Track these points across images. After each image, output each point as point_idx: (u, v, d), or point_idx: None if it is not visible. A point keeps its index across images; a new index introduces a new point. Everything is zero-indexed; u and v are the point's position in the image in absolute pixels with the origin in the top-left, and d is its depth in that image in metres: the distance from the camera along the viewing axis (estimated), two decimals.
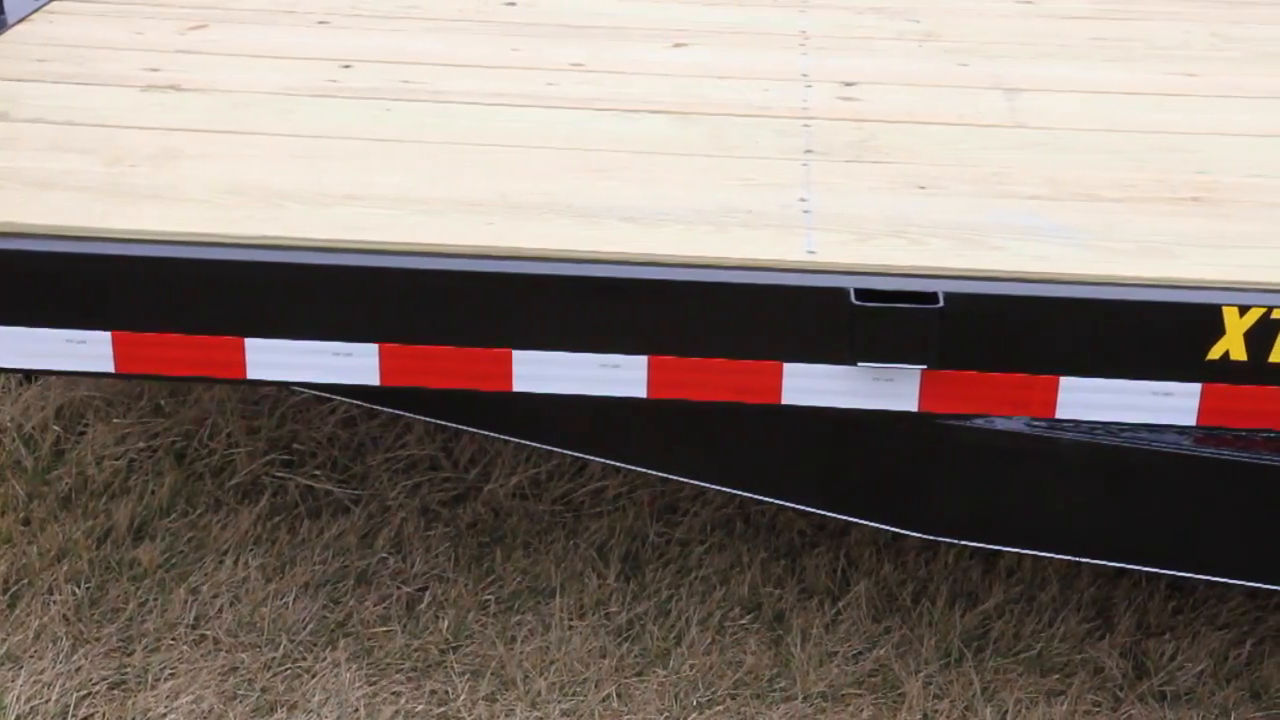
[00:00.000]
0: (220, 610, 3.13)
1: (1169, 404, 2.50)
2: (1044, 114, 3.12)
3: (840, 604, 3.17)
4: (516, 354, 2.52)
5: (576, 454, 3.07)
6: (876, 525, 2.80)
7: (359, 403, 3.26)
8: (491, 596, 3.19)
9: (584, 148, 2.90)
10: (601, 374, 2.54)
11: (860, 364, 2.47)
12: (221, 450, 3.57)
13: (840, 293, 2.45)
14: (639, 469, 2.89)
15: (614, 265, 2.52)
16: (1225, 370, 2.47)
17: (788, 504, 2.94)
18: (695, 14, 3.61)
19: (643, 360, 2.52)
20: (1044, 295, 2.48)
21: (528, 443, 3.02)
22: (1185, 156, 2.94)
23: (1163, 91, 3.25)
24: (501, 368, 2.53)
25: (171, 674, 2.98)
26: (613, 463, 2.94)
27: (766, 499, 3.07)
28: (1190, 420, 2.51)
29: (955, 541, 3.01)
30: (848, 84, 3.23)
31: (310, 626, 3.10)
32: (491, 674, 3.01)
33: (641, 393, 2.55)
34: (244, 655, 3.03)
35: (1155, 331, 2.48)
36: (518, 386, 2.55)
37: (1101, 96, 3.23)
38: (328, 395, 3.34)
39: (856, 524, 3.25)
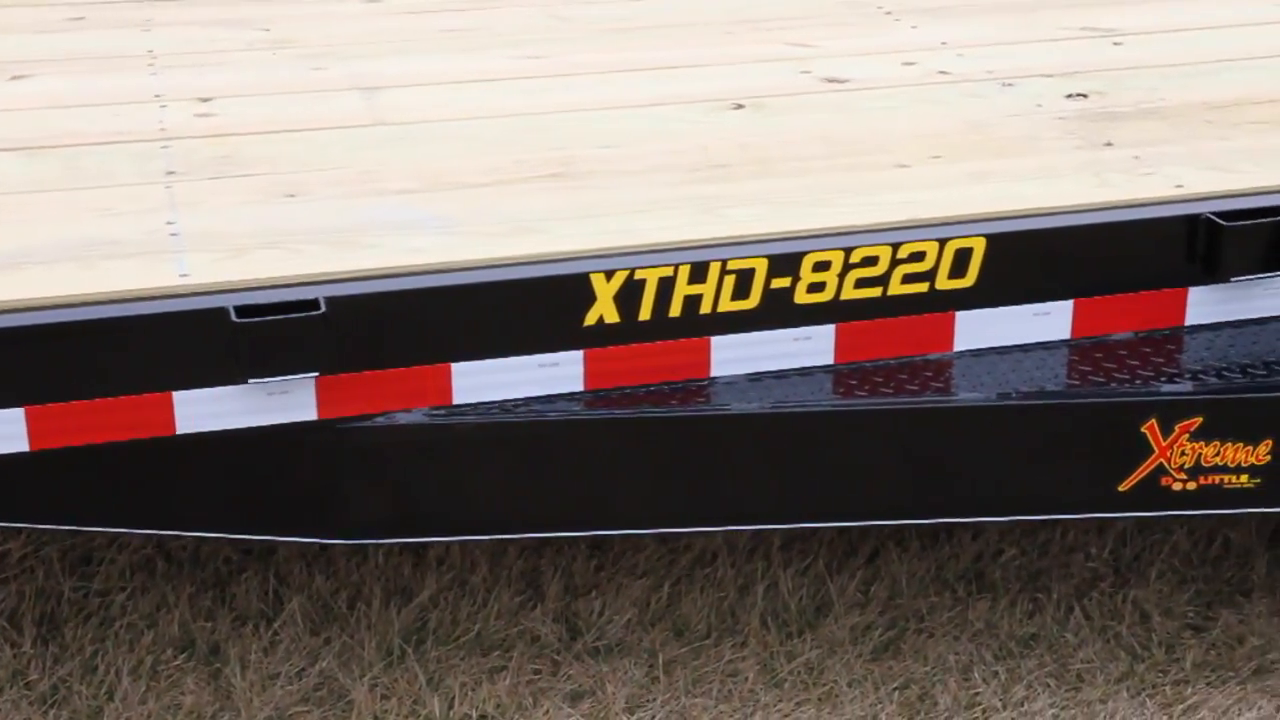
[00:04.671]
0: None
1: (556, 374, 2.60)
2: (404, 109, 3.17)
3: (276, 624, 3.12)
4: None
5: None
6: (301, 540, 2.78)
7: None
8: None
9: None
10: None
11: (251, 381, 2.43)
12: None
13: (220, 312, 2.40)
14: (40, 527, 2.74)
15: None
16: (602, 334, 2.59)
17: (208, 534, 2.87)
18: (32, 43, 3.43)
19: (19, 413, 2.38)
20: (424, 286, 2.52)
21: None
22: (542, 135, 3.05)
23: (513, 76, 3.37)
24: None
25: None
26: (10, 524, 2.77)
27: (186, 533, 2.98)
28: (578, 386, 2.63)
29: (382, 541, 3.03)
30: (204, 100, 3.16)
31: None
32: None
33: (24, 446, 2.41)
34: None
35: (534, 307, 2.58)
36: None
37: (457, 86, 3.31)
38: None
39: (282, 541, 3.22)
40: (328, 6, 3.78)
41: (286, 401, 2.49)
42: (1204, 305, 2.80)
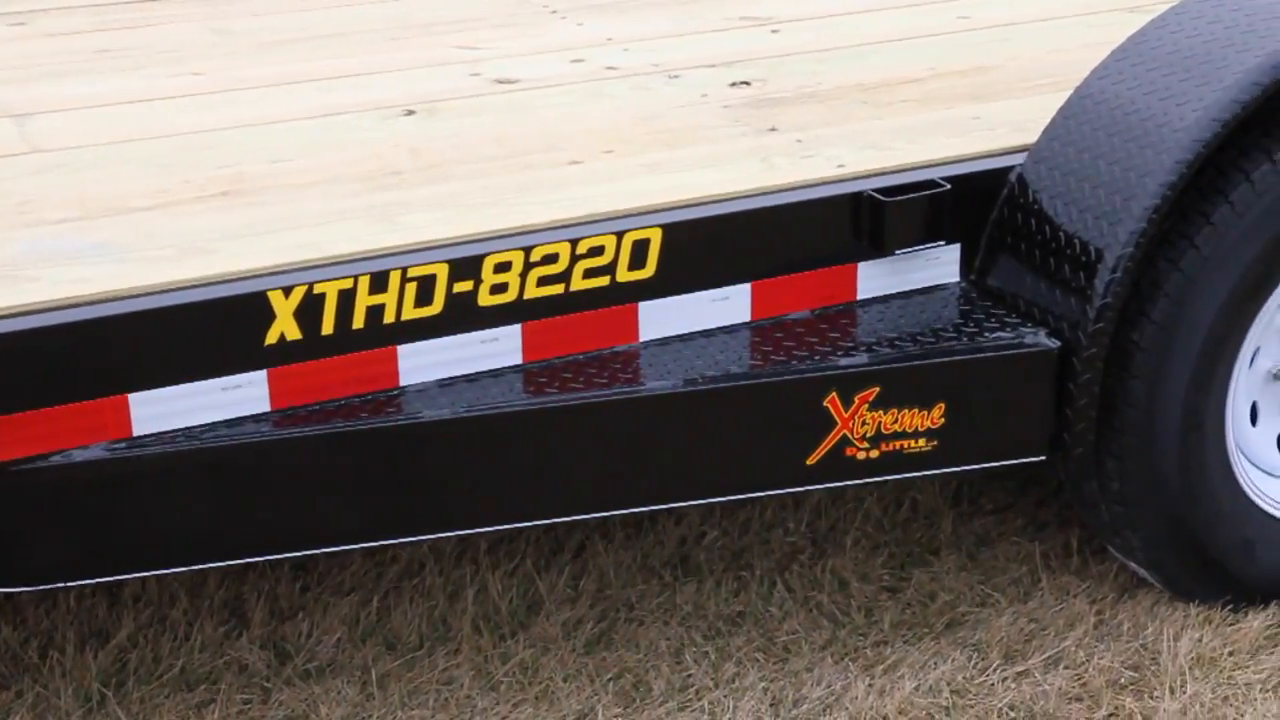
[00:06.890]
0: None
1: (240, 396, 2.54)
2: (59, 135, 3.06)
3: None
4: None
5: None
6: None
7: None
8: None
9: None
10: None
11: None
12: None
13: None
14: None
15: None
16: (285, 352, 2.54)
17: None
18: None
19: None
20: (92, 317, 2.43)
21: None
22: (208, 154, 2.98)
23: (175, 94, 3.28)
24: None
25: None
26: None
27: None
28: (265, 407, 2.57)
29: (71, 584, 2.91)
30: None
31: None
32: None
33: None
34: None
35: (211, 330, 2.51)
36: None
37: (116, 108, 3.21)
38: None
39: None
40: None
41: None
42: (873, 279, 2.91)
